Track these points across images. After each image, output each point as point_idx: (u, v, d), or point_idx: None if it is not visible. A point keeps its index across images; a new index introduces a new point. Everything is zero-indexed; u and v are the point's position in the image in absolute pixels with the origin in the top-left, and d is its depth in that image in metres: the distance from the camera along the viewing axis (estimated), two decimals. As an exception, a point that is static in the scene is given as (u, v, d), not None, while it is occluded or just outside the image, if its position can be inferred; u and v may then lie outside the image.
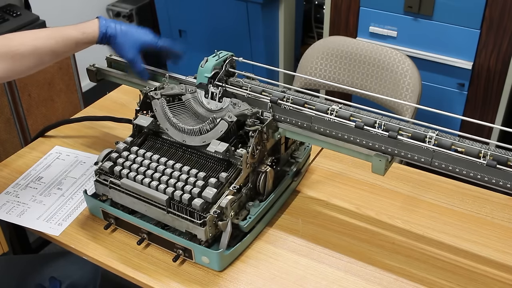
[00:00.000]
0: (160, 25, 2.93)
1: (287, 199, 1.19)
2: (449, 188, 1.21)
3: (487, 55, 1.99)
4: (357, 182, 1.24)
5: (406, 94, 1.72)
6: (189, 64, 1.34)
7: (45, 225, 1.14)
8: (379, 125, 0.98)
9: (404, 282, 1.00)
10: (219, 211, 0.99)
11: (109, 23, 1.16)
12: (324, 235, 1.11)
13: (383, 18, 2.12)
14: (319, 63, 1.88)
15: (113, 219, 1.11)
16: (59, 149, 1.37)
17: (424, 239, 1.09)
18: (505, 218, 1.14)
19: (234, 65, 1.16)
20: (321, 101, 1.05)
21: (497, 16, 1.91)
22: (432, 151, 0.93)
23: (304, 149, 1.23)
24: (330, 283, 1.00)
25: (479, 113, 2.12)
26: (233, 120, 1.06)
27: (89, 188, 1.20)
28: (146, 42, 1.19)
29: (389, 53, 1.75)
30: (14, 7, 2.24)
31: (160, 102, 1.13)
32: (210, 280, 1.02)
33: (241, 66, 1.16)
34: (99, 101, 1.58)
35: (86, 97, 2.54)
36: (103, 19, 1.17)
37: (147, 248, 1.08)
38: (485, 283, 1.00)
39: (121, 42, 1.17)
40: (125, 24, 1.18)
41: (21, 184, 1.26)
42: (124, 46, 1.18)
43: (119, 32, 1.17)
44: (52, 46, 1.12)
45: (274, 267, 1.04)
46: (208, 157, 1.08)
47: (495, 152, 0.89)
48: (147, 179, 1.06)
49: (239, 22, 2.62)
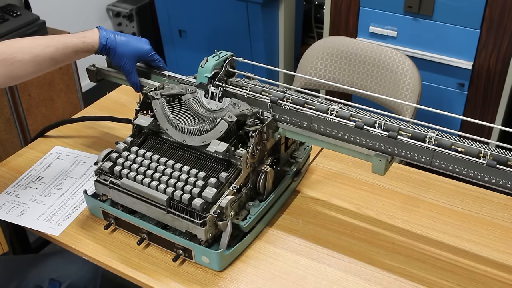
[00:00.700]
0: (160, 25, 2.93)
1: (287, 199, 1.19)
2: (449, 188, 1.21)
3: (487, 55, 1.99)
4: (357, 182, 1.24)
5: (406, 94, 1.72)
6: (189, 64, 1.35)
7: (45, 225, 1.14)
8: (379, 125, 0.98)
9: (404, 282, 1.00)
10: (219, 211, 0.99)
11: (109, 34, 1.18)
12: (324, 235, 1.11)
13: (383, 18, 2.12)
14: (319, 63, 1.88)
15: (113, 219, 1.11)
16: (59, 149, 1.37)
17: (424, 239, 1.09)
18: (505, 218, 1.14)
19: (234, 65, 1.16)
20: (321, 101, 1.05)
21: (497, 16, 1.91)
22: (432, 151, 0.93)
23: (304, 149, 1.23)
24: (330, 283, 1.00)
25: (479, 113, 2.12)
26: (233, 120, 1.06)
27: (89, 188, 1.20)
28: (143, 53, 1.21)
29: (389, 53, 1.75)
30: (14, 7, 2.24)
31: (160, 102, 1.13)
32: (210, 280, 1.02)
33: (241, 66, 1.16)
34: (99, 101, 1.58)
35: (86, 97, 2.54)
36: (103, 30, 1.19)
37: (147, 248, 1.08)
38: (485, 283, 1.00)
39: (120, 54, 1.19)
40: (124, 35, 1.21)
41: (21, 184, 1.26)
42: (123, 57, 1.19)
43: (119, 44, 1.18)
44: (52, 53, 1.13)
45: (274, 267, 1.04)
46: (208, 157, 1.08)
47: (495, 152, 0.89)
48: (147, 179, 1.06)
49: (239, 22, 2.62)
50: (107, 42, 1.17)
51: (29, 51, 1.10)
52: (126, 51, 1.19)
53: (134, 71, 1.22)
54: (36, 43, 1.12)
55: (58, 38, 1.15)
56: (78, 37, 1.16)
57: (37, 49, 1.11)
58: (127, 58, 1.20)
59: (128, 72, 1.21)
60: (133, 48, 1.20)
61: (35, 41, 1.13)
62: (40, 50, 1.11)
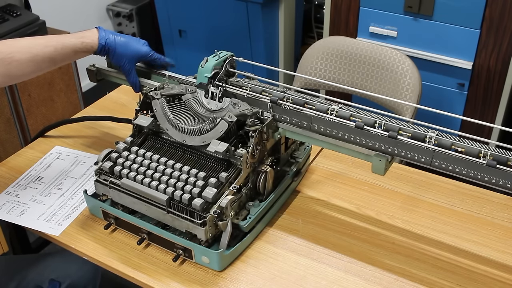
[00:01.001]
0: (160, 25, 2.93)
1: (287, 199, 1.19)
2: (449, 188, 1.21)
3: (487, 55, 1.99)
4: (357, 182, 1.24)
5: (406, 94, 1.72)
6: (189, 64, 1.35)
7: (45, 225, 1.14)
8: (379, 125, 0.98)
9: (404, 282, 1.00)
10: (219, 211, 0.99)
11: (108, 34, 1.18)
12: (324, 235, 1.11)
13: (383, 18, 2.12)
14: (319, 63, 1.88)
15: (113, 219, 1.11)
16: (59, 149, 1.37)
17: (424, 239, 1.09)
18: (505, 218, 1.14)
19: (234, 65, 1.16)
20: (321, 101, 1.05)
21: (497, 16, 1.91)
22: (432, 151, 0.93)
23: (304, 149, 1.23)
24: (330, 283, 1.00)
25: (479, 113, 2.12)
26: (233, 120, 1.06)
27: (89, 188, 1.20)
28: (142, 54, 1.21)
29: (389, 53, 1.75)
30: (14, 7, 2.24)
31: (160, 102, 1.13)
32: (210, 280, 1.02)
33: (241, 66, 1.16)
34: (99, 101, 1.58)
35: (86, 97, 2.54)
36: (102, 30, 1.19)
37: (147, 248, 1.08)
38: (485, 283, 1.00)
39: (119, 54, 1.19)
40: (124, 36, 1.20)
41: (21, 184, 1.26)
42: (122, 58, 1.20)
43: (118, 44, 1.18)
44: (50, 53, 1.12)
45: (274, 267, 1.04)
46: (208, 157, 1.08)
47: (495, 152, 0.89)
48: (147, 179, 1.06)
49: (239, 22, 2.62)
50: (106, 42, 1.17)
51: (28, 50, 1.10)
52: (126, 52, 1.19)
53: (134, 71, 1.22)
54: (34, 43, 1.12)
55: (57, 38, 1.14)
56: (77, 37, 1.16)
57: (36, 49, 1.11)
58: (127, 58, 1.20)
59: (128, 72, 1.21)
60: (132, 49, 1.20)
61: (33, 41, 1.13)
62: (38, 50, 1.11)
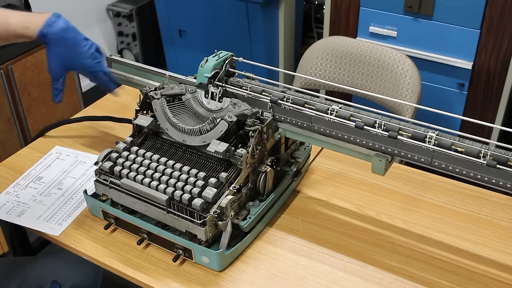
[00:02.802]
0: (160, 25, 2.93)
1: (287, 199, 1.19)
2: (449, 188, 1.21)
3: (487, 55, 1.99)
4: (357, 182, 1.24)
5: (406, 94, 1.72)
6: (189, 64, 1.34)
7: (45, 225, 1.14)
8: (379, 125, 0.98)
9: (404, 282, 1.00)
10: (219, 211, 0.99)
11: (56, 26, 1.06)
12: (324, 235, 1.11)
13: (383, 18, 2.12)
14: (319, 63, 1.88)
15: (113, 219, 1.11)
16: (59, 149, 1.37)
17: (424, 239, 1.09)
18: (505, 218, 1.14)
19: (234, 65, 1.16)
20: (321, 101, 1.05)
21: (497, 16, 1.91)
22: (432, 151, 0.93)
23: (304, 149, 1.23)
24: (330, 283, 1.00)
25: (479, 113, 2.12)
26: (233, 120, 1.06)
27: (89, 188, 1.20)
28: (79, 65, 1.11)
29: (389, 53, 1.75)
30: (14, 7, 2.23)
31: (160, 102, 1.13)
32: (210, 280, 1.02)
33: (241, 66, 1.16)
34: (99, 101, 1.58)
35: (86, 97, 2.53)
36: (55, 17, 1.08)
37: (147, 248, 1.08)
38: (485, 283, 1.00)
39: (53, 52, 1.08)
40: (73, 37, 1.08)
41: (21, 184, 1.26)
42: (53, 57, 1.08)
43: (58, 41, 1.07)
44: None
45: (274, 267, 1.04)
46: (208, 157, 1.08)
47: (495, 152, 0.89)
48: (147, 179, 1.06)
49: (239, 22, 2.62)
50: (47, 32, 1.05)
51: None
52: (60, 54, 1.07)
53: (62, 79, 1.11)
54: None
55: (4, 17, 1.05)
56: (22, 22, 1.05)
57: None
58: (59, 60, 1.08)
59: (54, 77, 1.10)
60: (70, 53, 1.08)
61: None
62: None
